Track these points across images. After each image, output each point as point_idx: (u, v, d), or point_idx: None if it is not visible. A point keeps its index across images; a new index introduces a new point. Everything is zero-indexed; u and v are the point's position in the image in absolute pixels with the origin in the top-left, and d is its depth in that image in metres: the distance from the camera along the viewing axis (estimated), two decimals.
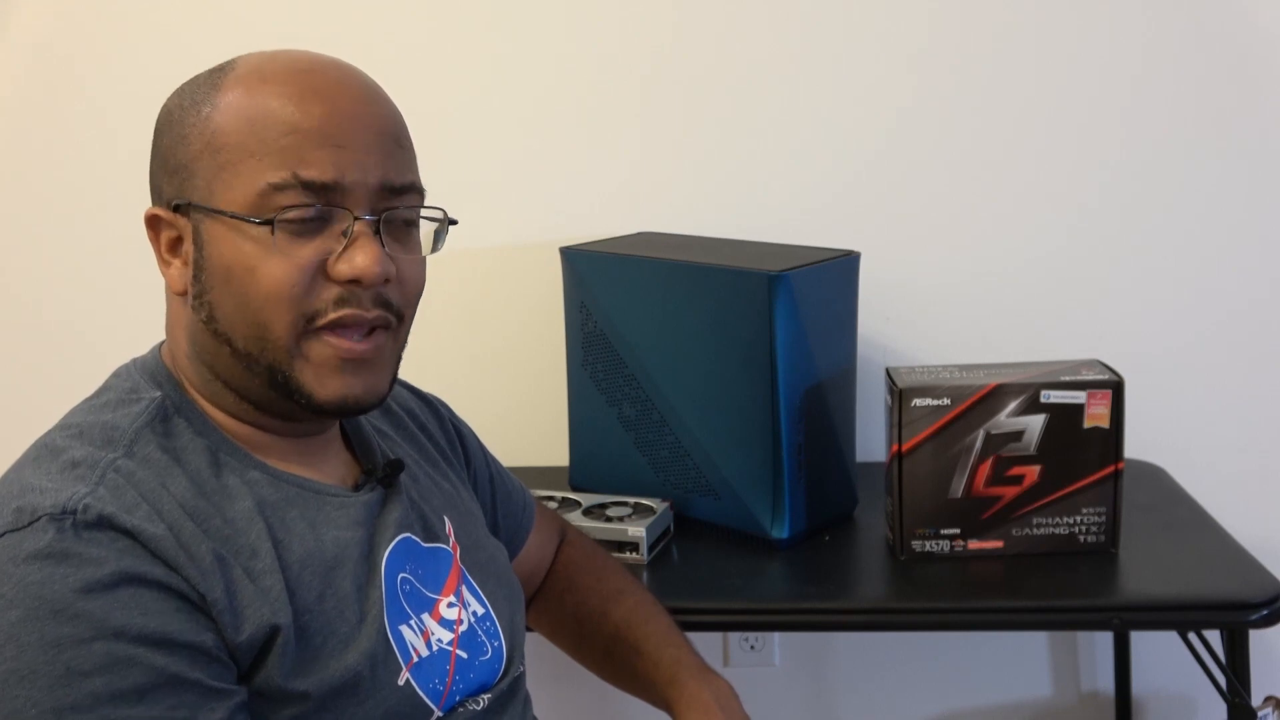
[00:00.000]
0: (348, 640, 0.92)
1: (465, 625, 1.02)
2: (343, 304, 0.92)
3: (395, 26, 1.75)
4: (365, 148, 0.92)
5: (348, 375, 0.93)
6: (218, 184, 0.91)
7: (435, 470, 1.13)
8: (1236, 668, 1.35)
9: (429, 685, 0.96)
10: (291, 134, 0.90)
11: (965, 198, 1.75)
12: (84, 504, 0.84)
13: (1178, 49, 1.69)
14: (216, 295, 0.92)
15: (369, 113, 0.94)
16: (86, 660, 0.80)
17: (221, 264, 0.91)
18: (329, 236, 0.92)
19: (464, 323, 1.82)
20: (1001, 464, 1.40)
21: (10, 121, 1.80)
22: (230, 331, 0.92)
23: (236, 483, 0.93)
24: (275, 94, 0.91)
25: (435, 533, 1.05)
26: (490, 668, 1.03)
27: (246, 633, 0.86)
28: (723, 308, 1.45)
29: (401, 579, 0.99)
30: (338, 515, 0.97)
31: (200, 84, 0.95)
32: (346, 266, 0.91)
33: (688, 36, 1.74)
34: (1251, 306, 1.74)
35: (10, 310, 1.86)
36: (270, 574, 0.89)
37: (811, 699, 1.89)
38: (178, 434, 0.94)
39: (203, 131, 0.92)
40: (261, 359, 0.92)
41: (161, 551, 0.84)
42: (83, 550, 0.82)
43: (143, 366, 0.98)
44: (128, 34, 1.75)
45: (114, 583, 0.82)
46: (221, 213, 0.91)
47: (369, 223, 0.92)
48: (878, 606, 1.40)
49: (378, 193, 0.93)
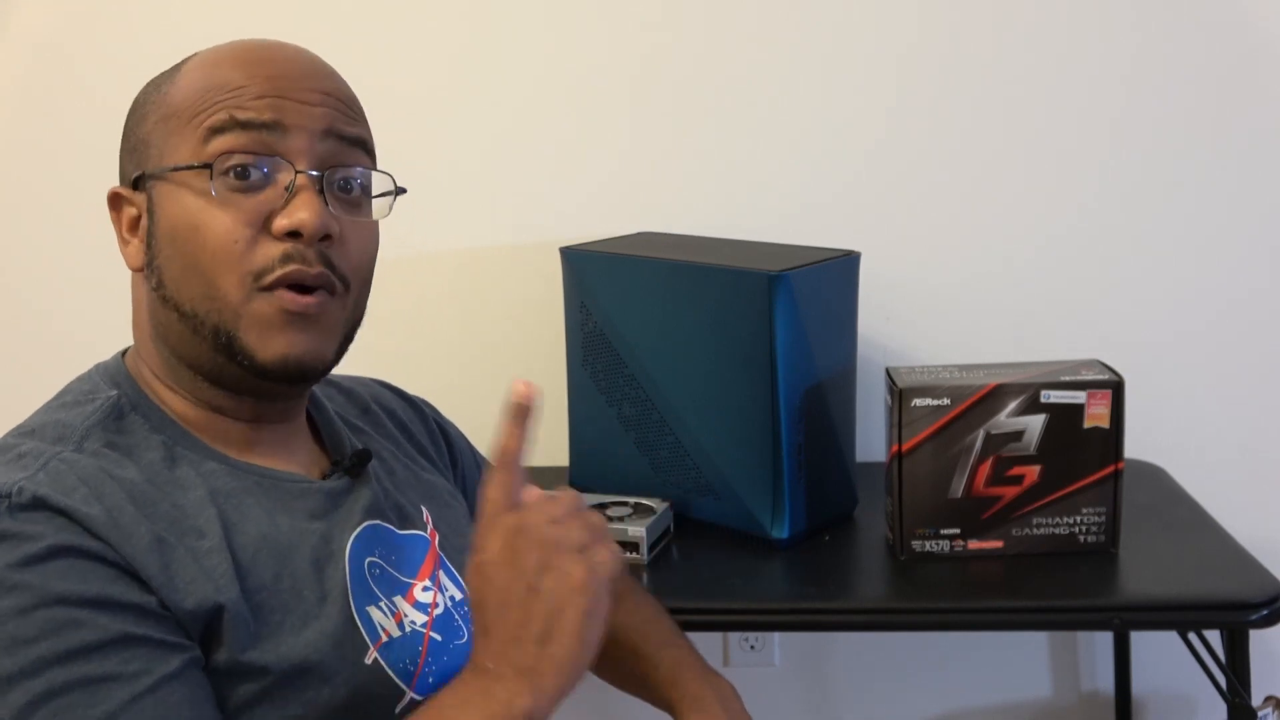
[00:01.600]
0: (306, 618, 0.92)
1: (441, 609, 1.03)
2: (288, 260, 0.92)
3: (395, 27, 1.75)
4: (308, 99, 0.94)
5: (291, 332, 0.93)
6: (168, 146, 0.94)
7: (414, 464, 1.13)
8: (1236, 668, 1.35)
9: (399, 665, 0.97)
10: (236, 89, 0.93)
11: (965, 197, 1.75)
12: (19, 487, 0.84)
13: (1178, 48, 1.69)
14: (164, 258, 0.94)
15: (313, 72, 0.96)
16: (30, 628, 0.80)
17: (169, 225, 0.93)
18: (272, 193, 0.93)
19: (464, 323, 1.82)
20: (1001, 464, 1.40)
21: (10, 121, 1.81)
22: (177, 295, 0.93)
23: (190, 474, 0.94)
24: (226, 63, 0.95)
25: (411, 520, 1.06)
26: (466, 651, 1.04)
27: (191, 604, 0.86)
28: (723, 308, 1.45)
29: (370, 562, 0.99)
30: (297, 504, 0.98)
31: (163, 73, 0.99)
32: (285, 220, 0.92)
33: (688, 36, 1.74)
34: (1252, 306, 1.74)
35: (10, 309, 1.86)
36: (216, 553, 0.89)
37: (811, 699, 1.89)
38: (131, 430, 0.94)
39: (159, 106, 0.95)
40: (207, 320, 0.93)
41: (97, 530, 0.84)
42: (18, 529, 0.83)
43: (104, 369, 1.00)
44: (129, 32, 1.75)
45: (49, 554, 0.82)
46: (166, 169, 0.93)
47: (313, 178, 0.93)
48: (878, 606, 1.40)
49: (323, 140, 0.94)
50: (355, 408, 1.14)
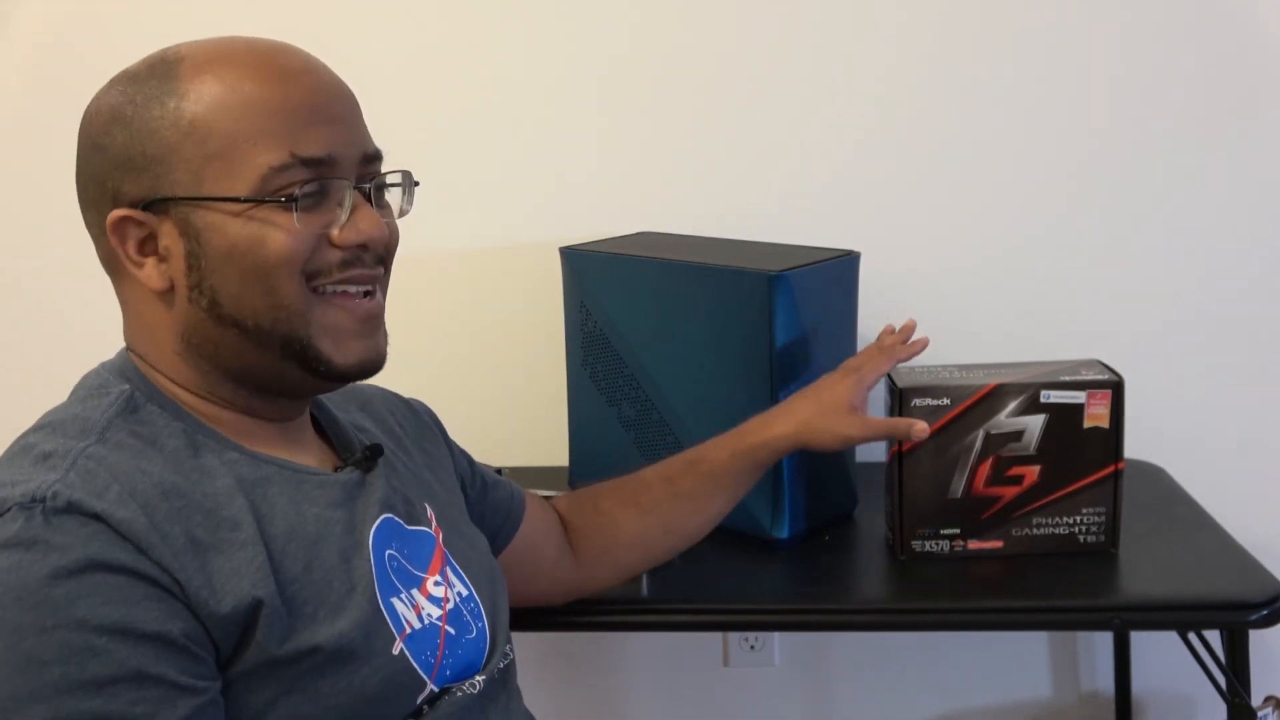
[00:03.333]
0: (338, 608, 0.93)
1: (452, 604, 1.04)
2: (348, 266, 0.96)
3: (396, 27, 1.75)
4: (345, 120, 0.97)
5: (365, 338, 0.98)
6: (207, 172, 0.92)
7: (413, 462, 1.14)
8: (1236, 668, 1.35)
9: (421, 657, 0.98)
10: (279, 114, 0.93)
11: (965, 197, 1.75)
12: (53, 491, 0.84)
13: (1180, 48, 1.69)
14: (219, 279, 0.93)
15: (334, 85, 0.98)
16: (46, 649, 0.80)
17: (224, 247, 0.92)
18: (326, 207, 0.95)
19: (464, 323, 1.82)
20: (1001, 464, 1.40)
21: (11, 119, 1.81)
22: (238, 311, 0.94)
23: (215, 462, 0.94)
24: (249, 77, 0.93)
25: (417, 517, 1.07)
26: (476, 647, 1.05)
27: (228, 606, 0.87)
28: (722, 307, 1.45)
29: (389, 555, 1.00)
30: (318, 493, 0.98)
31: (143, 79, 0.95)
32: (354, 233, 0.96)
33: (688, 36, 1.74)
34: (1252, 306, 1.74)
35: (13, 308, 1.86)
36: (252, 544, 0.90)
37: (811, 699, 1.89)
38: (150, 420, 0.94)
39: (176, 123, 0.92)
40: (275, 330, 0.94)
41: (131, 534, 0.84)
42: (50, 537, 0.82)
43: (110, 366, 1.00)
44: (133, 29, 1.75)
45: (80, 569, 0.82)
46: (214, 199, 0.92)
47: (362, 190, 0.97)
48: (878, 606, 1.40)
49: (361, 161, 0.98)
50: (354, 405, 1.14)
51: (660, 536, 1.32)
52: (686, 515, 1.31)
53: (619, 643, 1.88)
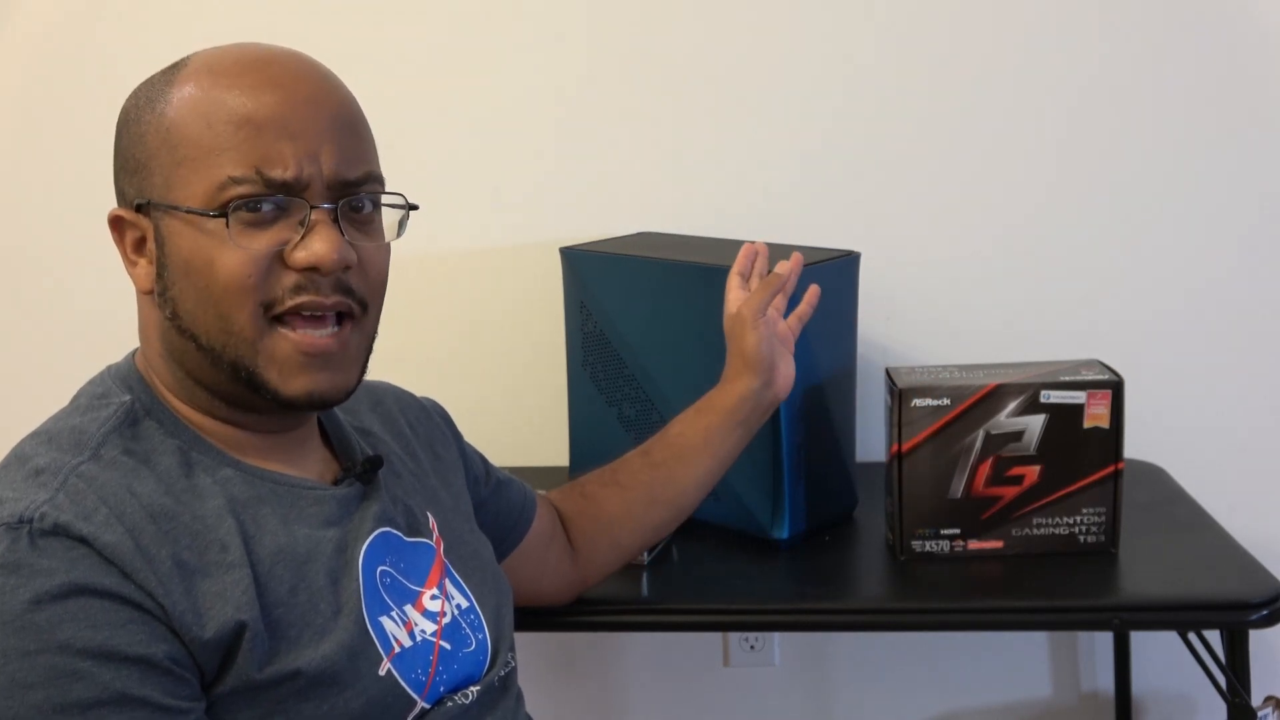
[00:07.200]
0: (323, 632, 0.92)
1: (449, 617, 1.03)
2: (300, 291, 0.92)
3: (396, 27, 1.75)
4: (319, 136, 0.92)
5: (313, 371, 0.93)
6: (175, 179, 0.91)
7: (419, 468, 1.13)
8: (1236, 668, 1.35)
9: (411, 676, 0.97)
10: (245, 126, 0.90)
11: (965, 198, 1.75)
12: (40, 512, 0.84)
13: (1181, 48, 1.69)
14: (178, 291, 0.93)
15: (323, 100, 0.93)
16: (31, 673, 0.80)
17: (181, 259, 0.92)
18: (286, 226, 0.92)
19: (464, 323, 1.82)
20: (1001, 464, 1.40)
21: (12, 118, 1.81)
22: (194, 327, 0.93)
23: (207, 482, 0.93)
24: (227, 86, 0.91)
25: (418, 528, 1.06)
26: (475, 660, 1.04)
27: (212, 631, 0.86)
28: (722, 308, 1.45)
29: (381, 571, 0.99)
30: (312, 510, 0.97)
31: (155, 83, 0.95)
32: (304, 254, 0.91)
33: (688, 36, 1.74)
34: (1252, 306, 1.74)
35: (12, 307, 1.86)
36: (238, 568, 0.90)
37: (811, 699, 1.89)
38: (147, 436, 0.94)
39: (158, 128, 0.92)
40: (225, 354, 0.92)
41: (117, 558, 0.84)
42: (34, 561, 0.82)
43: (115, 372, 0.99)
44: (132, 29, 1.75)
45: (64, 594, 0.82)
46: (178, 208, 0.91)
47: (327, 210, 0.92)
48: (878, 606, 1.40)
49: (333, 185, 0.93)
50: (364, 404, 1.13)
51: (645, 509, 1.32)
52: (666, 483, 1.31)
53: (619, 643, 1.88)
